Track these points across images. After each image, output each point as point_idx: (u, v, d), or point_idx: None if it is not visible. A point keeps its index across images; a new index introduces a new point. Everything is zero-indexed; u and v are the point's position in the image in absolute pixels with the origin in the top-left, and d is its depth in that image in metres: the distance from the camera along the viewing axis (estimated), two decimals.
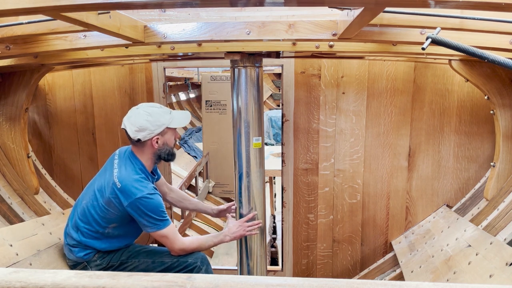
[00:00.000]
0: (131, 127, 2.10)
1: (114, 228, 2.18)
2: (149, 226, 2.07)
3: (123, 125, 2.16)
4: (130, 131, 2.11)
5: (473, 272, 1.93)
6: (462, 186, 2.92)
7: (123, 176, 2.08)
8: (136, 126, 2.09)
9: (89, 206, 2.17)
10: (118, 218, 2.13)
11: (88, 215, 2.16)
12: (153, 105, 2.19)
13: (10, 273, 0.76)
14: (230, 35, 1.77)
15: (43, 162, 3.22)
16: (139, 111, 2.12)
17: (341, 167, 3.04)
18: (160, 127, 2.12)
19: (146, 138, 2.12)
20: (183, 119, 2.25)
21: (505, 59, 1.15)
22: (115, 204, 2.08)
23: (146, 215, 2.04)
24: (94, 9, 1.27)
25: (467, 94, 2.80)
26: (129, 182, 2.06)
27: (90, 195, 2.19)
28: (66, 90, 3.18)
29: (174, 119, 2.18)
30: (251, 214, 2.42)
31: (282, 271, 3.26)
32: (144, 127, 2.09)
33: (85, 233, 2.18)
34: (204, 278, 0.75)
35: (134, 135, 2.10)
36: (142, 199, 2.02)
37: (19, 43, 1.91)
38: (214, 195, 5.78)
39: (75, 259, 2.22)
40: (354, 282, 0.74)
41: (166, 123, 2.14)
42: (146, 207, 2.03)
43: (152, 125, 2.10)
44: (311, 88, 2.95)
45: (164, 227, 2.08)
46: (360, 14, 1.28)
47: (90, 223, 2.16)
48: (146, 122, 2.08)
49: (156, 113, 2.12)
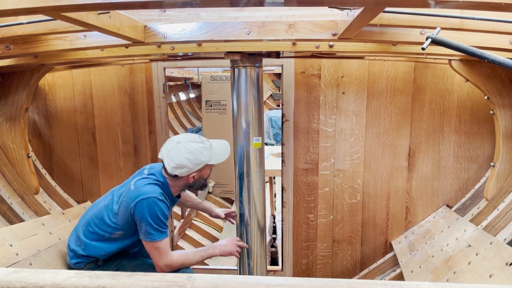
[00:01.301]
0: (169, 162, 2.06)
1: (120, 236, 2.14)
2: (144, 234, 2.02)
3: (160, 156, 2.12)
4: (168, 166, 2.07)
5: (473, 272, 1.93)
6: (462, 186, 2.92)
7: (139, 181, 2.09)
8: (175, 162, 2.05)
9: (104, 209, 2.17)
10: (124, 225, 2.10)
11: (101, 217, 2.16)
12: (194, 139, 2.13)
13: (10, 273, 0.76)
14: (230, 35, 1.77)
15: (43, 162, 3.22)
16: (180, 147, 2.06)
17: (341, 167, 3.04)
18: (199, 165, 2.09)
19: (183, 175, 2.09)
20: (223, 154, 2.21)
21: (505, 59, 1.15)
22: (124, 208, 2.06)
23: (146, 219, 1.99)
24: (94, 9, 1.27)
25: (467, 94, 2.80)
26: (141, 185, 2.06)
27: (109, 198, 2.20)
28: (66, 90, 3.18)
29: (213, 156, 2.14)
30: (244, 244, 2.46)
31: (282, 271, 3.26)
32: (184, 165, 2.05)
33: (91, 237, 2.16)
34: (204, 278, 0.75)
35: (172, 171, 2.07)
36: (147, 200, 1.99)
37: (19, 43, 1.91)
38: (214, 195, 5.77)
39: (68, 263, 2.22)
40: (354, 282, 0.74)
41: (206, 161, 2.11)
42: (148, 210, 1.98)
43: (192, 164, 2.06)
44: (311, 88, 2.95)
45: (158, 239, 2.01)
46: (360, 14, 1.28)
47: (100, 226, 2.15)
48: (186, 160, 2.04)
49: (197, 151, 2.07)
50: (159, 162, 2.25)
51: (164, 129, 3.17)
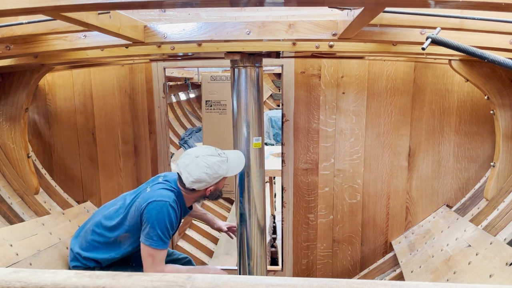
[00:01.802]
0: (187, 176, 2.05)
1: (125, 238, 2.13)
2: (145, 236, 1.99)
3: (177, 169, 2.11)
4: (186, 180, 2.06)
5: (473, 272, 1.93)
6: (462, 186, 2.92)
7: (156, 186, 2.09)
8: (193, 177, 2.04)
9: (115, 211, 2.17)
10: (131, 227, 2.08)
11: (111, 219, 2.15)
12: (211, 153, 2.12)
13: (10, 273, 0.76)
14: (230, 35, 1.77)
15: (43, 162, 3.22)
16: (198, 161, 2.06)
17: (341, 167, 3.04)
18: (217, 179, 2.10)
19: (201, 188, 2.10)
20: (239, 166, 2.23)
21: (505, 59, 1.15)
22: (136, 207, 2.05)
23: (152, 222, 1.96)
24: (94, 9, 1.27)
25: (467, 94, 2.80)
26: (156, 189, 2.06)
27: (120, 202, 2.20)
28: (66, 90, 3.18)
29: (230, 168, 2.15)
30: None
31: (282, 271, 3.26)
32: (202, 180, 2.05)
33: (97, 239, 2.15)
34: (204, 278, 0.75)
35: (190, 185, 2.07)
36: (159, 203, 1.98)
37: (19, 43, 1.90)
38: None
39: (68, 263, 2.22)
40: (354, 282, 0.74)
41: (223, 174, 2.12)
42: (157, 214, 1.96)
43: (210, 178, 2.06)
44: (311, 88, 2.95)
45: (156, 247, 1.97)
46: (360, 14, 1.28)
47: (108, 227, 2.15)
48: (204, 175, 2.04)
49: (215, 164, 2.07)
50: (173, 172, 2.25)
51: (164, 129, 3.17)
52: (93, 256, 2.16)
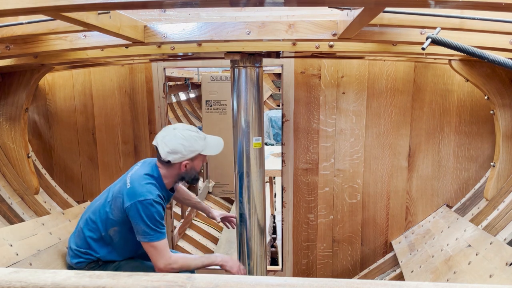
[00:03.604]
0: (163, 147, 2.07)
1: (115, 233, 2.14)
2: (141, 235, 2.00)
3: (155, 142, 2.13)
4: (162, 152, 2.08)
5: (473, 272, 1.93)
6: (462, 186, 2.92)
7: (135, 177, 2.08)
8: (169, 147, 2.06)
9: (100, 206, 2.17)
10: (119, 221, 2.10)
11: (98, 215, 2.16)
12: (190, 128, 2.16)
13: (10, 273, 0.76)
14: (230, 35, 1.77)
15: (43, 162, 3.22)
16: (175, 133, 2.09)
17: (341, 167, 3.04)
18: (193, 153, 2.11)
19: (176, 161, 2.10)
20: (217, 147, 2.22)
21: (505, 59, 1.15)
22: (119, 203, 2.06)
23: (142, 221, 1.98)
24: (94, 9, 1.27)
25: (467, 94, 2.80)
26: (137, 183, 2.04)
27: (104, 196, 2.20)
28: (66, 90, 3.18)
29: (207, 147, 2.16)
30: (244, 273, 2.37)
31: (282, 271, 3.26)
32: (177, 151, 2.07)
33: (89, 235, 2.16)
34: (204, 278, 0.75)
35: (165, 156, 2.08)
36: (143, 203, 1.98)
37: (19, 43, 1.91)
38: (214, 195, 5.77)
39: (69, 263, 2.21)
40: (354, 282, 0.74)
41: (200, 150, 2.12)
42: (144, 212, 1.97)
43: (186, 150, 2.08)
44: (311, 88, 2.95)
45: (155, 239, 2.00)
46: (360, 14, 1.28)
47: (97, 223, 2.15)
48: (180, 146, 2.06)
49: (191, 138, 2.10)
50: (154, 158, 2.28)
51: None
52: (92, 252, 2.17)
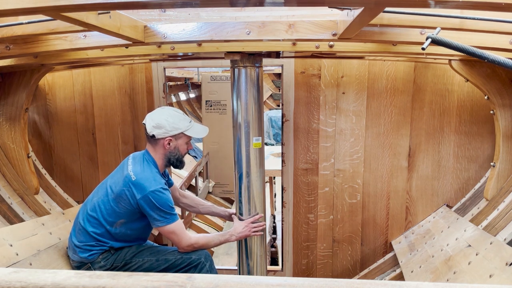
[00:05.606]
0: (150, 122, 2.21)
1: (122, 225, 2.20)
2: (159, 220, 2.13)
3: (144, 120, 2.27)
4: (148, 126, 2.21)
5: (473, 272, 1.93)
6: (462, 186, 2.92)
7: (138, 171, 2.17)
8: (155, 122, 2.19)
9: (100, 201, 2.22)
10: (127, 213, 2.17)
11: (98, 210, 2.21)
12: (178, 110, 2.30)
13: (10, 273, 0.76)
14: (230, 35, 1.77)
15: (43, 162, 3.22)
16: (163, 111, 2.26)
17: (341, 167, 3.04)
18: (176, 130, 2.22)
19: (159, 136, 2.21)
20: (201, 131, 2.34)
21: (505, 59, 1.15)
22: (128, 197, 2.13)
23: (157, 208, 2.11)
24: (94, 9, 1.27)
25: (467, 94, 2.80)
26: (144, 176, 2.15)
27: (102, 192, 2.25)
28: (66, 90, 3.18)
29: (192, 128, 2.28)
30: (258, 215, 2.46)
31: (282, 271, 3.26)
32: (161, 125, 2.19)
33: (93, 230, 2.19)
34: (204, 278, 0.75)
35: (150, 129, 2.21)
36: (155, 193, 2.10)
37: (19, 43, 1.90)
38: (214, 195, 5.78)
39: (79, 259, 2.22)
40: (354, 282, 0.74)
41: (183, 129, 2.23)
42: (157, 201, 2.10)
43: (169, 126, 2.20)
44: (311, 88, 2.95)
45: (173, 221, 2.15)
46: (360, 14, 1.28)
47: (99, 219, 2.20)
48: (165, 121, 2.19)
49: (176, 117, 2.23)
50: None
51: None
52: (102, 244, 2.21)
